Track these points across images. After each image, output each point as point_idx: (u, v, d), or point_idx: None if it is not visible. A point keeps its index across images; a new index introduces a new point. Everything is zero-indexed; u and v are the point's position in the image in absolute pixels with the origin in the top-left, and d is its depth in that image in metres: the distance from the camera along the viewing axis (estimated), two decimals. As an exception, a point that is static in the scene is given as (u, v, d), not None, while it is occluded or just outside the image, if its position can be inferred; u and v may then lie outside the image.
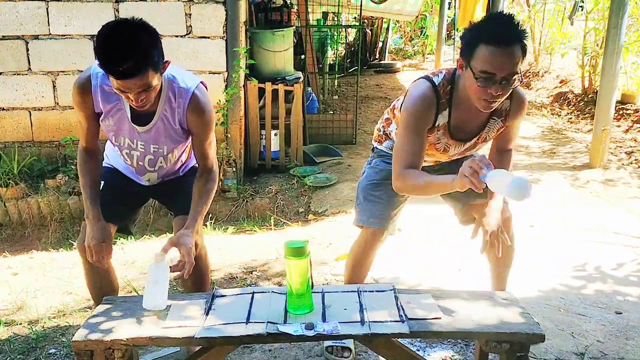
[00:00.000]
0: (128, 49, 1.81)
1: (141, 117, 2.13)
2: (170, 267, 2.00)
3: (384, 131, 2.47)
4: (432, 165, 2.44)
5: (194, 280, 2.34)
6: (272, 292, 2.00)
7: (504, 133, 2.26)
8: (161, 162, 2.31)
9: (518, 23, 1.94)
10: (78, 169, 2.25)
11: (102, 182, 2.30)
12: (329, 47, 8.79)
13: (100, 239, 2.12)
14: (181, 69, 2.24)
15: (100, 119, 2.15)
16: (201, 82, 2.22)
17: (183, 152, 2.36)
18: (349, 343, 2.39)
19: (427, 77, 2.14)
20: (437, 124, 2.14)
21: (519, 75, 1.94)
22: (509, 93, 2.00)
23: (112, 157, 2.43)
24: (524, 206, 2.39)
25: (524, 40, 1.93)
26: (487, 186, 1.81)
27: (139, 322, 1.83)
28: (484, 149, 2.36)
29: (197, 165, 2.38)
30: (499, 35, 1.89)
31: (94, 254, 2.11)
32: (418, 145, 2.08)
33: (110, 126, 2.17)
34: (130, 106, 2.08)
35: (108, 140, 2.34)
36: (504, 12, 2.00)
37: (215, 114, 2.22)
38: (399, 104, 2.32)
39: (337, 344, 2.39)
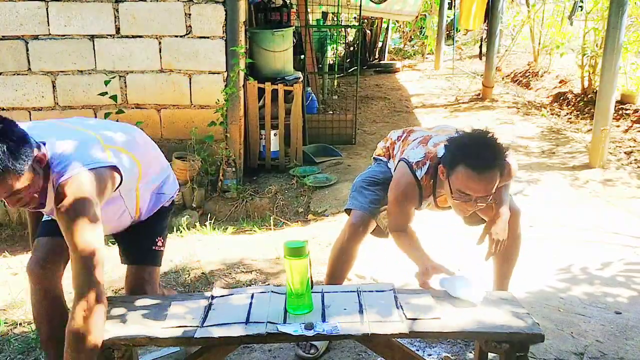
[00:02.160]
0: None
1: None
2: None
3: (387, 152, 2.58)
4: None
5: None
6: (272, 292, 2.00)
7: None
8: None
9: (499, 147, 2.03)
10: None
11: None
12: (328, 47, 8.79)
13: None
14: (81, 144, 1.82)
15: None
16: (108, 166, 1.80)
17: (116, 213, 2.02)
18: (320, 343, 2.41)
19: (411, 168, 2.24)
20: (423, 206, 2.36)
21: (495, 192, 2.08)
22: (484, 205, 2.11)
23: None
24: (524, 206, 2.40)
25: (503, 165, 2.04)
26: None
27: (139, 322, 1.83)
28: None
29: (168, 203, 2.22)
30: (479, 163, 1.98)
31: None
32: (407, 217, 2.33)
33: None
34: None
35: None
36: (488, 133, 2.07)
37: (85, 215, 1.69)
38: (397, 148, 2.46)
39: None
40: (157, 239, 2.18)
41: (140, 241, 2.15)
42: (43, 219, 2.11)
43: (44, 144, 1.76)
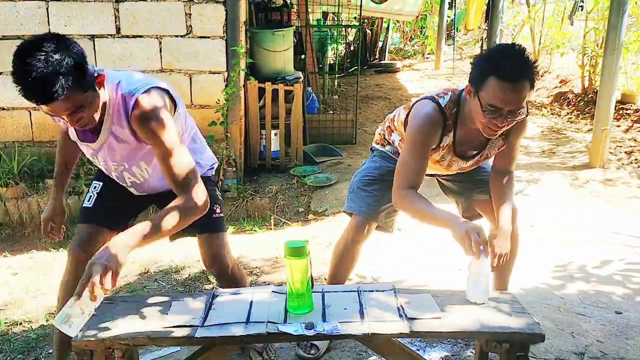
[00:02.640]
0: (42, 73, 1.64)
1: (90, 134, 1.99)
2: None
3: (385, 137, 2.49)
4: (442, 175, 2.49)
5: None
6: (272, 291, 2.00)
7: (505, 152, 2.29)
8: (130, 178, 2.14)
9: (529, 58, 1.96)
10: (57, 148, 2.27)
11: (101, 184, 2.25)
12: (329, 47, 8.79)
13: (49, 216, 2.24)
14: (133, 72, 2.01)
15: None
16: (155, 87, 1.93)
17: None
18: (321, 343, 2.40)
19: (432, 98, 2.16)
20: (442, 144, 2.19)
21: (525, 108, 1.99)
22: (513, 124, 2.04)
23: None
24: (524, 206, 2.40)
25: (534, 76, 1.96)
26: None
27: (139, 322, 1.83)
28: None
29: (209, 172, 2.31)
30: (509, 72, 1.91)
31: (42, 228, 2.24)
32: (421, 165, 2.10)
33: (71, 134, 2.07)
34: None
35: None
36: (517, 45, 2.02)
37: (167, 122, 1.87)
38: (399, 117, 2.36)
39: None
40: (214, 207, 2.19)
41: None
42: (83, 205, 2.22)
43: (102, 70, 1.85)
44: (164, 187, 2.10)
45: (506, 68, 1.91)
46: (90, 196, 2.24)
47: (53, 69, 1.64)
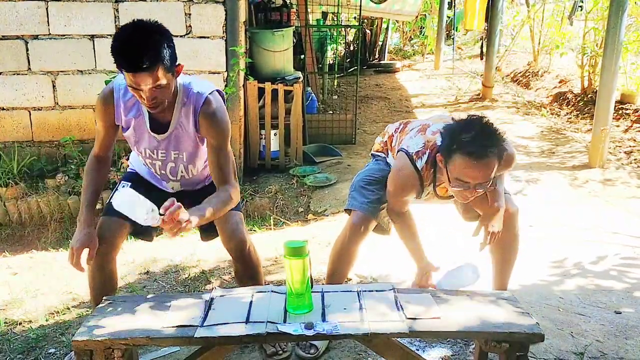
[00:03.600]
0: (140, 43, 1.90)
1: (160, 126, 2.19)
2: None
3: (385, 148, 2.56)
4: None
5: (248, 276, 2.42)
6: (272, 291, 2.01)
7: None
8: (182, 172, 2.34)
9: (495, 133, 2.01)
10: (85, 171, 2.31)
11: (129, 184, 2.34)
12: (328, 47, 8.79)
13: (85, 244, 2.17)
14: (198, 77, 2.27)
15: (123, 130, 2.24)
16: (217, 90, 2.22)
17: (206, 165, 2.35)
18: (320, 343, 2.41)
19: (411, 159, 2.23)
20: (423, 196, 2.36)
21: (492, 181, 2.07)
22: (483, 192, 2.10)
23: (136, 164, 2.48)
24: (524, 206, 2.41)
25: (501, 151, 2.02)
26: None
27: (139, 322, 1.83)
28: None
29: None
30: (475, 150, 1.96)
31: (75, 258, 2.15)
32: (404, 202, 2.39)
33: (131, 136, 2.25)
34: (149, 115, 2.16)
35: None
36: (483, 118, 2.05)
37: (229, 124, 2.20)
38: (395, 140, 2.44)
39: None
40: None
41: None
42: (110, 200, 2.29)
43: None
44: (198, 186, 2.43)
45: (472, 146, 1.96)
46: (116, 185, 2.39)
47: (152, 43, 1.91)
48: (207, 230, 2.49)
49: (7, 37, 4.58)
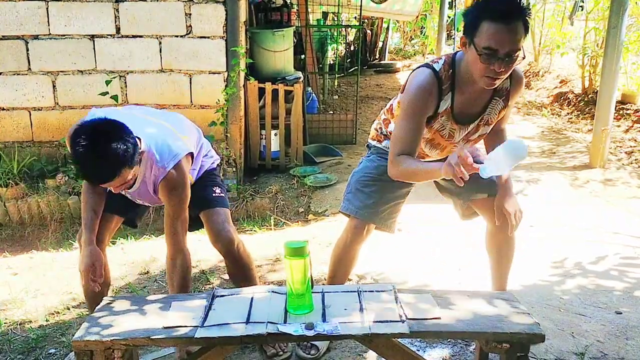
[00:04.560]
0: (100, 161, 1.90)
1: None
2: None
3: (382, 131, 2.47)
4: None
5: (240, 275, 2.47)
6: (272, 292, 2.00)
7: (498, 131, 2.29)
8: (150, 205, 2.46)
9: (520, 1, 1.98)
10: (82, 194, 2.34)
11: None
12: (329, 47, 8.79)
13: (90, 263, 2.20)
14: (167, 134, 2.23)
15: None
16: (188, 153, 2.23)
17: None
18: (321, 343, 2.40)
19: (427, 65, 2.15)
20: (439, 110, 2.15)
21: (521, 51, 1.97)
22: (511, 70, 2.01)
23: None
24: (525, 206, 2.40)
25: (527, 17, 1.96)
26: (481, 175, 1.78)
27: (139, 322, 1.83)
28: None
29: (212, 166, 2.54)
30: (502, 12, 1.91)
31: (84, 279, 2.21)
32: (415, 133, 2.09)
33: None
34: None
35: None
36: None
37: (188, 192, 2.24)
38: (396, 103, 2.33)
39: None
40: (214, 189, 2.49)
41: (201, 191, 2.43)
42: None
43: (139, 139, 2.09)
44: None
45: (498, 10, 1.92)
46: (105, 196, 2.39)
47: (112, 156, 1.89)
48: (129, 222, 2.58)
49: (7, 37, 4.58)
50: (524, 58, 2.06)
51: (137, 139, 2.04)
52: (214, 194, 2.48)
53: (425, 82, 2.08)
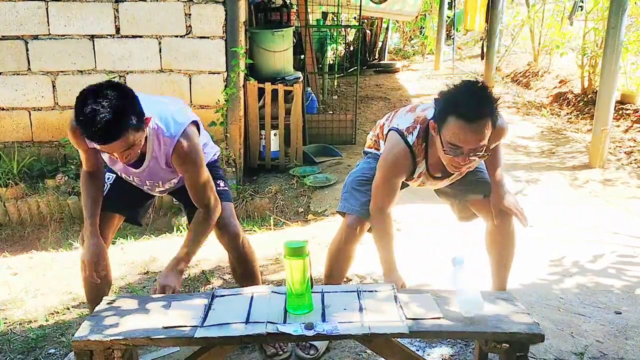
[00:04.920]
0: (105, 116, 1.86)
1: (132, 163, 2.18)
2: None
3: (377, 144, 2.53)
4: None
5: (244, 271, 2.48)
6: (272, 292, 2.01)
7: (489, 159, 2.30)
8: (159, 187, 2.39)
9: (490, 97, 1.99)
10: (80, 186, 2.33)
11: (114, 176, 2.39)
12: (328, 47, 8.78)
13: (94, 254, 2.19)
14: (168, 107, 2.22)
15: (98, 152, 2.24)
16: (192, 121, 2.22)
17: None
18: (320, 343, 2.41)
19: (402, 135, 2.21)
20: (415, 175, 2.29)
21: (486, 149, 2.02)
22: (477, 162, 2.08)
23: None
24: (524, 206, 2.40)
25: (494, 115, 1.99)
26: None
27: (139, 322, 1.83)
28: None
29: (213, 158, 2.51)
30: (468, 112, 1.94)
31: (87, 270, 2.18)
32: (391, 192, 2.28)
33: (106, 159, 2.28)
34: None
35: None
36: (479, 83, 2.05)
37: (202, 155, 2.23)
38: (386, 126, 2.41)
39: None
40: (217, 182, 2.43)
41: None
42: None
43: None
44: (181, 184, 2.40)
45: (465, 108, 1.94)
46: (105, 186, 2.37)
47: (117, 114, 1.87)
48: (132, 220, 2.56)
49: (7, 37, 4.58)
50: (487, 155, 2.10)
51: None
52: (218, 188, 2.44)
53: (399, 157, 2.22)
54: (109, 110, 1.86)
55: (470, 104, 1.94)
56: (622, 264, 3.35)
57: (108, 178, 2.40)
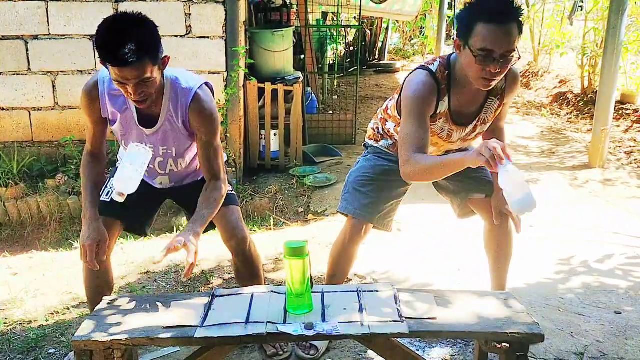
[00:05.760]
0: (125, 36, 1.85)
1: (148, 120, 2.15)
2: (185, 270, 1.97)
3: (379, 130, 2.48)
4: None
5: (248, 274, 2.42)
6: (272, 292, 2.00)
7: (497, 130, 2.28)
8: (171, 165, 2.31)
9: (513, 2, 1.98)
10: (81, 169, 2.27)
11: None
12: (328, 47, 8.79)
13: (96, 239, 2.10)
14: (184, 70, 2.25)
15: (110, 124, 2.20)
16: (206, 83, 2.21)
17: (195, 157, 2.34)
18: (320, 343, 2.40)
19: (423, 67, 2.16)
20: (438, 112, 2.16)
21: (516, 52, 1.97)
22: (507, 70, 2.02)
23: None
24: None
25: (520, 19, 1.97)
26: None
27: (139, 322, 1.83)
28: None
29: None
30: (496, 14, 1.92)
31: (88, 254, 2.08)
32: (423, 129, 2.07)
33: (118, 130, 2.21)
34: (137, 110, 2.12)
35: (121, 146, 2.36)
36: None
37: (219, 116, 2.20)
38: (392, 104, 2.36)
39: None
40: None
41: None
42: (100, 199, 2.27)
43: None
44: (187, 180, 2.40)
45: (492, 11, 1.92)
46: (108, 191, 2.29)
47: (137, 35, 1.86)
48: (137, 230, 2.52)
49: (7, 37, 4.58)
50: (519, 59, 2.05)
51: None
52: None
53: (424, 83, 2.09)
54: (130, 30, 1.87)
55: (497, 7, 1.93)
56: (623, 264, 3.35)
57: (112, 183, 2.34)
